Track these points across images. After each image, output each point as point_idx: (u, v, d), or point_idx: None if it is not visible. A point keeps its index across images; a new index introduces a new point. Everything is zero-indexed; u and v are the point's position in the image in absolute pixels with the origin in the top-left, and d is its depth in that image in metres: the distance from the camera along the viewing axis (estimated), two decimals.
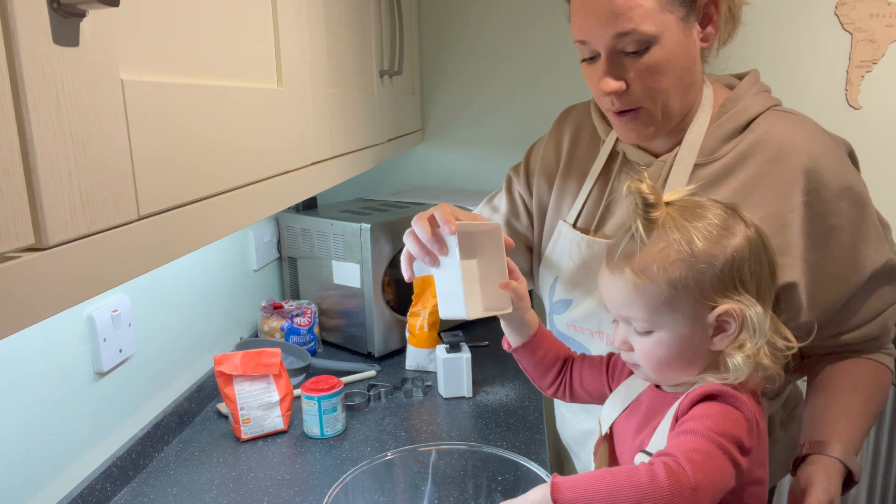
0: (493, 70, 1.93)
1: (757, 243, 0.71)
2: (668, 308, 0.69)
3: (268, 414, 1.23)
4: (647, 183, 0.69)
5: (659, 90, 0.83)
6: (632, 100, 0.84)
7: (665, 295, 0.68)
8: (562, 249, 1.02)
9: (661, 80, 0.83)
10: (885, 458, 1.97)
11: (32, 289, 0.40)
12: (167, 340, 1.27)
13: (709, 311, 0.68)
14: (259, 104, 0.71)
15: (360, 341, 1.58)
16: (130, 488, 1.09)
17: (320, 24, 0.92)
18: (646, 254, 0.69)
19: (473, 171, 2.00)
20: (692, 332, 0.69)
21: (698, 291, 0.68)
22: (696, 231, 0.68)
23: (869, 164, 1.86)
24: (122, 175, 0.47)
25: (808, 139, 0.86)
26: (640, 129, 0.88)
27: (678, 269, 0.68)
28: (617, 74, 0.83)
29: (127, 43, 0.48)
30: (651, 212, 0.69)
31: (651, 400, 0.77)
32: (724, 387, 0.68)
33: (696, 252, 0.68)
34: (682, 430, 0.66)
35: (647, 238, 0.69)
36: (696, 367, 0.71)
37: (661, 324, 0.70)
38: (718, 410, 0.66)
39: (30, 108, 0.38)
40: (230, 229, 0.65)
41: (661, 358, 0.71)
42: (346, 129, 1.04)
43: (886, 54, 1.79)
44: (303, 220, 1.64)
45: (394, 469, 0.90)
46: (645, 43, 0.80)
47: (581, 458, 1.13)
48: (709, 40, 0.86)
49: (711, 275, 0.68)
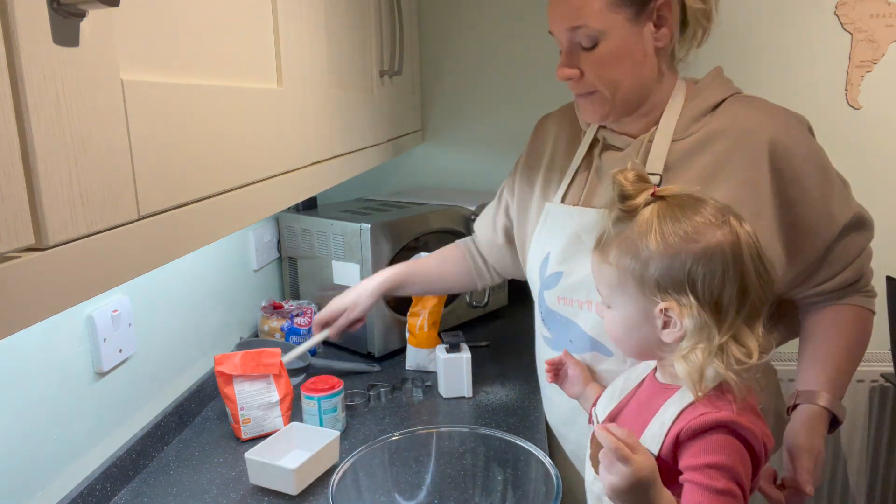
0: (493, 70, 1.93)
1: (735, 257, 0.71)
2: (619, 291, 0.76)
3: (268, 414, 1.23)
4: (635, 173, 0.76)
5: (609, 79, 0.95)
6: (586, 85, 0.96)
7: (616, 279, 0.76)
8: (553, 225, 1.07)
9: (610, 70, 0.94)
10: (885, 458, 1.97)
11: (32, 289, 0.40)
12: (167, 340, 1.27)
13: (653, 303, 0.73)
14: (259, 104, 0.71)
15: (360, 341, 1.58)
16: (130, 488, 1.09)
17: (320, 24, 0.92)
18: (613, 239, 0.76)
19: (473, 171, 2.00)
20: (640, 318, 0.76)
21: (641, 283, 0.74)
22: (661, 229, 0.73)
23: (869, 163, 1.87)
24: (122, 175, 0.47)
25: (771, 116, 0.97)
26: (597, 109, 0.99)
27: (629, 259, 0.74)
28: (572, 63, 0.96)
29: (127, 43, 0.48)
30: (626, 202, 0.75)
31: (649, 388, 0.82)
32: (733, 416, 0.69)
33: (652, 248, 0.72)
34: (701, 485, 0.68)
35: (616, 225, 0.76)
36: (649, 349, 0.78)
37: (615, 302, 0.78)
38: (729, 448, 0.69)
39: (30, 108, 0.38)
40: (230, 229, 0.65)
41: (613, 332, 0.80)
42: (346, 129, 1.04)
43: (886, 54, 1.79)
44: (303, 220, 1.64)
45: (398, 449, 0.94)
46: (594, 38, 0.93)
47: (569, 440, 1.13)
48: (663, 40, 0.95)
49: (659, 272, 0.72)
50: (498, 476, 0.92)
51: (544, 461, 0.86)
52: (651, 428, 0.74)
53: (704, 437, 0.69)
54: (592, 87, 0.96)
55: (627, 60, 0.94)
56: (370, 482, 0.89)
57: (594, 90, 0.96)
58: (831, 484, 2.01)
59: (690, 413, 0.71)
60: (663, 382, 0.79)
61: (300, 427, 1.17)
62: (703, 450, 0.69)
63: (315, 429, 1.17)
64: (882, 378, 1.90)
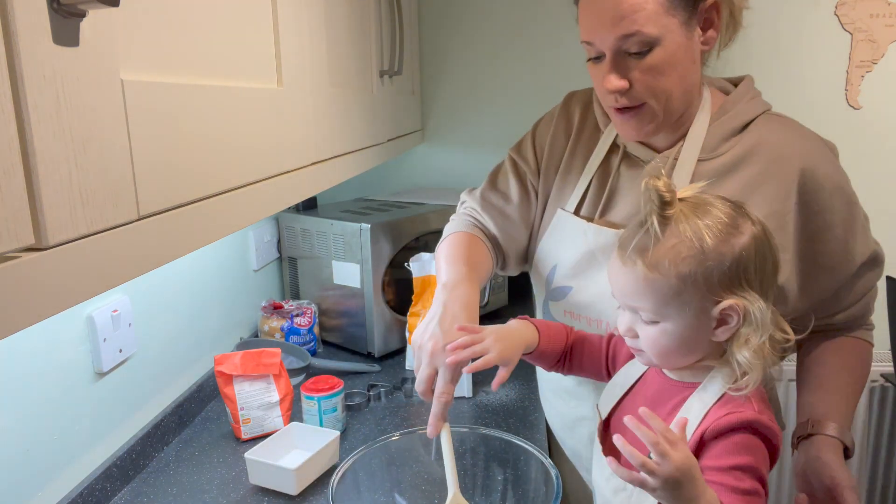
0: (493, 70, 1.93)
1: (762, 241, 0.73)
2: (676, 301, 0.72)
3: (268, 414, 1.23)
4: (664, 180, 0.71)
5: (661, 89, 0.87)
6: (635, 97, 0.87)
7: (674, 289, 0.71)
8: (562, 236, 1.02)
9: (662, 79, 0.86)
10: (886, 458, 1.97)
11: (32, 289, 0.40)
12: (167, 340, 1.27)
13: (714, 305, 0.71)
14: (259, 104, 0.71)
15: (360, 341, 1.58)
16: (130, 488, 1.09)
17: (320, 24, 0.92)
18: (659, 249, 0.71)
19: (473, 171, 2.00)
20: (696, 324, 0.72)
21: (706, 287, 0.71)
22: (707, 228, 0.71)
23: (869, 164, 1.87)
24: (122, 175, 0.47)
25: (804, 142, 0.92)
26: (641, 126, 0.91)
27: (688, 265, 0.70)
28: (621, 73, 0.86)
29: (127, 43, 0.48)
30: (666, 209, 0.71)
31: (659, 385, 0.81)
32: (756, 415, 0.70)
33: (706, 249, 0.70)
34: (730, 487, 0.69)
35: (661, 234, 0.71)
36: (697, 354, 0.75)
37: (667, 315, 0.73)
38: (753, 448, 0.70)
39: (30, 108, 0.38)
40: (230, 229, 0.65)
41: (664, 346, 0.74)
42: (346, 129, 1.04)
43: (886, 54, 1.79)
44: (303, 220, 1.64)
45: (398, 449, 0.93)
46: (648, 44, 0.84)
47: (568, 445, 1.13)
48: (710, 43, 0.90)
49: (719, 271, 0.70)
50: (498, 476, 0.92)
51: (544, 461, 0.86)
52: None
53: (729, 438, 0.70)
54: (641, 100, 0.88)
55: (679, 68, 0.87)
56: (370, 482, 0.89)
57: (642, 103, 0.88)
58: None
59: (716, 412, 0.72)
60: (677, 380, 0.79)
61: (300, 427, 1.17)
62: (728, 451, 0.70)
63: (315, 429, 1.17)
64: (882, 378, 1.90)
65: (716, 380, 0.74)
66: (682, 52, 0.86)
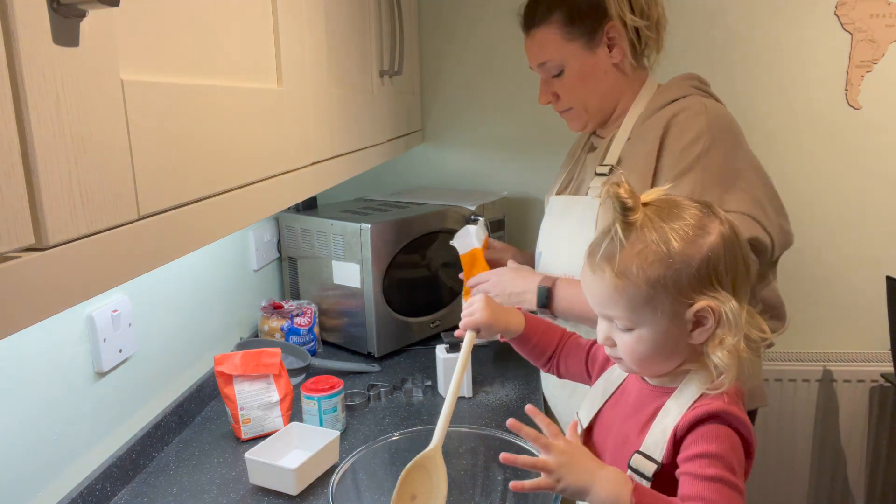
0: (493, 70, 1.93)
1: (731, 240, 0.73)
2: (648, 307, 0.71)
3: (268, 414, 1.23)
4: (625, 187, 0.71)
5: (577, 98, 1.17)
6: (563, 105, 1.20)
7: (645, 295, 0.71)
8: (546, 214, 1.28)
9: (578, 90, 1.16)
10: (886, 458, 1.97)
11: (32, 289, 0.40)
12: (167, 340, 1.27)
13: (687, 307, 0.71)
14: (259, 104, 0.71)
15: (360, 341, 1.58)
16: (130, 488, 1.09)
17: (320, 24, 0.92)
18: (625, 255, 0.71)
19: (473, 171, 2.00)
20: (671, 327, 0.72)
21: (676, 290, 0.70)
22: (673, 231, 0.71)
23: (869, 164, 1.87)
24: (122, 175, 0.47)
25: (687, 101, 1.07)
26: (575, 122, 1.22)
27: (656, 270, 0.70)
28: (548, 90, 1.20)
29: (127, 43, 0.48)
30: (629, 215, 0.71)
31: (638, 391, 0.80)
32: (725, 405, 0.70)
33: (673, 252, 0.70)
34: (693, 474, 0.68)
35: (626, 240, 0.71)
36: (676, 359, 0.75)
37: (641, 321, 0.73)
38: (721, 437, 0.69)
39: (30, 108, 0.38)
40: (230, 229, 0.65)
41: (642, 353, 0.74)
42: (346, 129, 1.04)
43: (886, 54, 1.79)
44: (303, 220, 1.64)
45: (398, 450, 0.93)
46: (558, 68, 1.15)
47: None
48: (618, 57, 1.12)
49: (688, 273, 0.70)
50: (498, 476, 0.92)
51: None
52: (653, 434, 0.74)
53: (696, 429, 0.70)
54: (568, 106, 1.19)
55: (590, 80, 1.14)
56: (370, 482, 0.89)
57: (570, 108, 1.19)
58: (831, 484, 2.01)
59: (690, 412, 0.72)
60: (655, 385, 0.78)
61: (300, 427, 1.17)
62: (694, 441, 0.70)
63: (315, 429, 1.17)
64: (882, 378, 1.90)
65: (692, 382, 0.74)
66: (590, 69, 1.13)
